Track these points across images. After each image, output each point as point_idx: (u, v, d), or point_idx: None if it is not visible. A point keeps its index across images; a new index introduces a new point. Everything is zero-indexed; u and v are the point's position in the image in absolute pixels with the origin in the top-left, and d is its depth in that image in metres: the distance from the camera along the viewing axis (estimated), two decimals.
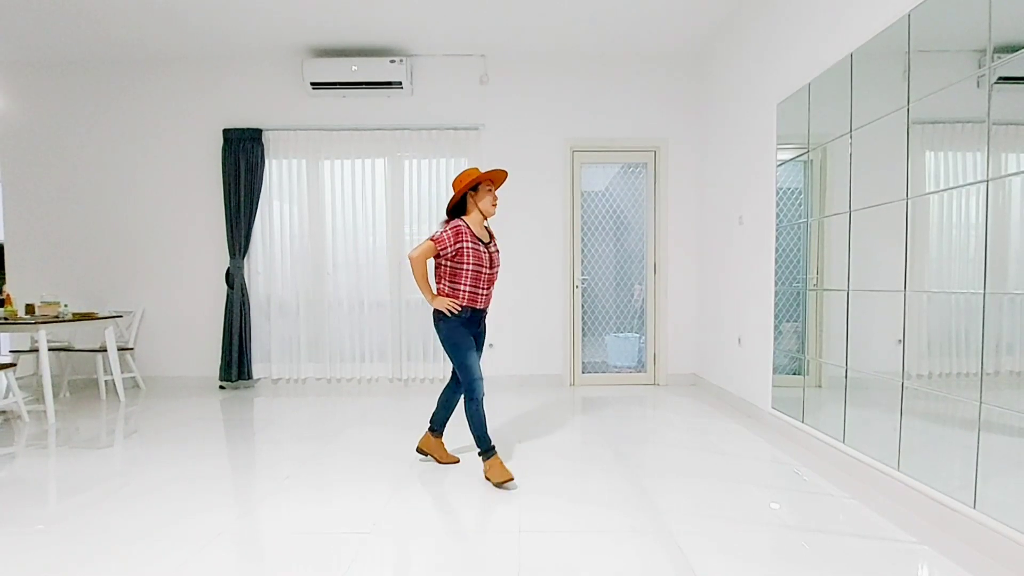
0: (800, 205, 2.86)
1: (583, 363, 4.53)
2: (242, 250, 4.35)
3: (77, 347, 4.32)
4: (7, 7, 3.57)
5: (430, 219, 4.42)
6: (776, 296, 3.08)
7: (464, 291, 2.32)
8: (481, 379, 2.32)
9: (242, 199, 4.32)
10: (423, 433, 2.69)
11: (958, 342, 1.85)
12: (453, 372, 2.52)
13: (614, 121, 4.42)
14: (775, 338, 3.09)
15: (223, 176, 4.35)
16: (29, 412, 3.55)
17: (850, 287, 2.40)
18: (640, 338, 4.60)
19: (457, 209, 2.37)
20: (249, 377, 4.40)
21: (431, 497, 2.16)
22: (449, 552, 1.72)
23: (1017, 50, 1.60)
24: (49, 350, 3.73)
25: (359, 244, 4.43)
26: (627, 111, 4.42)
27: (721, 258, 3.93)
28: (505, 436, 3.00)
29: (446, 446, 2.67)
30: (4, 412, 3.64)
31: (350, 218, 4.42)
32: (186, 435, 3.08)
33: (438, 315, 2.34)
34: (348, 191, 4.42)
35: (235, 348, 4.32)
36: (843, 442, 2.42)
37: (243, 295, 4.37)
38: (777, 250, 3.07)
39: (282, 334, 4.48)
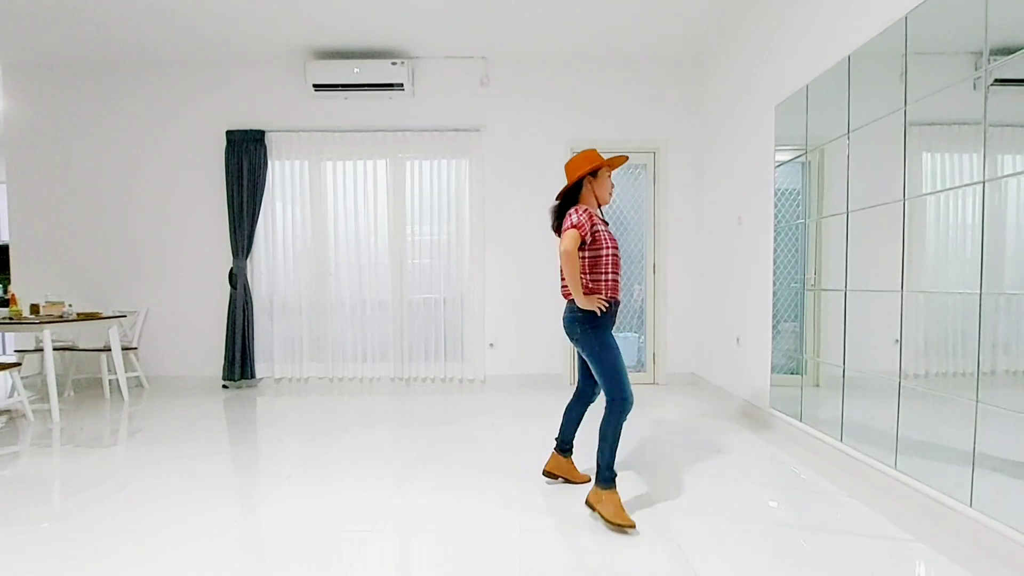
0: (798, 206, 2.87)
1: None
2: (245, 250, 4.38)
3: (81, 347, 4.35)
4: (13, 10, 3.60)
5: (431, 219, 4.45)
6: (774, 296, 3.10)
7: (607, 281, 2.03)
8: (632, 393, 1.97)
9: (245, 200, 4.35)
10: (548, 455, 2.38)
11: (955, 342, 1.86)
12: (579, 386, 2.28)
13: (614, 122, 4.44)
14: (773, 338, 3.11)
15: (226, 177, 4.38)
16: (34, 411, 3.58)
17: (848, 287, 2.41)
18: (640, 338, 4.61)
19: (570, 197, 2.12)
20: (252, 376, 4.43)
21: (432, 496, 2.18)
22: (449, 551, 1.74)
23: (1013, 52, 1.62)
24: (54, 350, 3.76)
25: (361, 244, 4.46)
26: (627, 112, 4.44)
27: (720, 258, 3.95)
28: (507, 436, 3.01)
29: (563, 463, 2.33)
30: (9, 411, 3.68)
31: (352, 219, 4.45)
32: (189, 434, 3.11)
33: (586, 318, 2.01)
34: (350, 192, 4.44)
35: (238, 348, 4.35)
36: (841, 441, 2.43)
37: (246, 295, 4.40)
38: (775, 250, 3.09)
39: (285, 334, 4.51)
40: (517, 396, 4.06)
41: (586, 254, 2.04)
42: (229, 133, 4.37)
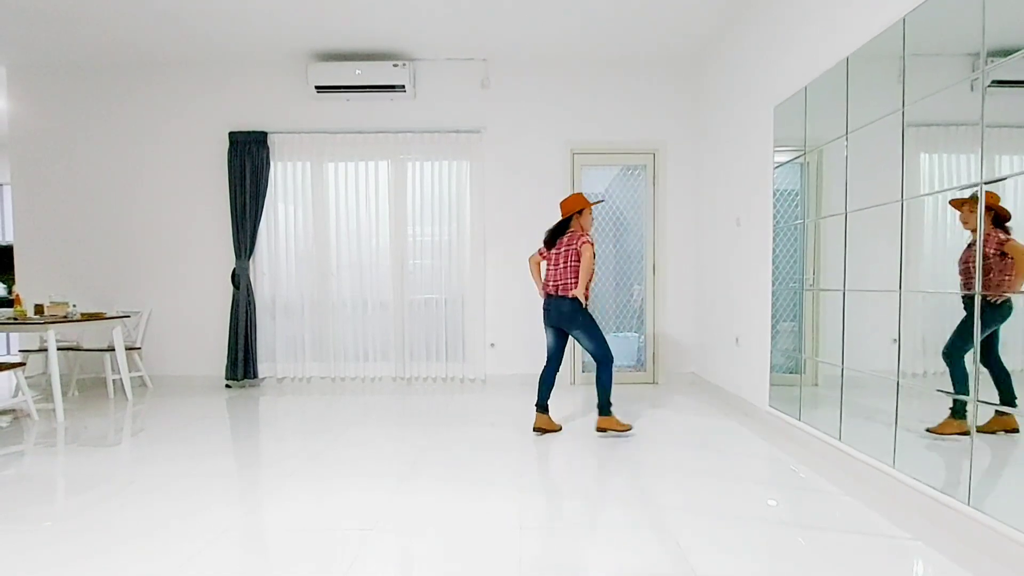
0: (797, 206, 2.89)
1: (583, 362, 4.56)
2: (247, 251, 4.41)
3: (85, 347, 4.38)
4: (17, 13, 3.63)
5: (432, 220, 4.47)
6: (773, 296, 3.11)
7: (593, 286, 3.06)
8: None
9: (247, 201, 4.38)
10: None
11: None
12: (551, 356, 3.05)
13: (613, 124, 4.46)
14: (772, 337, 3.12)
15: (229, 178, 4.41)
16: (38, 410, 3.60)
17: (846, 287, 2.42)
18: (639, 337, 4.63)
19: (563, 225, 3.01)
20: (254, 376, 4.45)
21: (433, 494, 2.20)
22: (450, 548, 1.76)
23: (1010, 54, 1.63)
24: (58, 350, 3.78)
25: (363, 245, 4.48)
26: (626, 114, 4.45)
27: (719, 259, 3.96)
28: (507, 435, 3.03)
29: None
30: (14, 410, 3.71)
31: (354, 219, 4.47)
32: (192, 433, 3.13)
33: (579, 305, 2.88)
34: (352, 193, 4.47)
35: (240, 348, 4.38)
36: (839, 440, 2.44)
37: (248, 295, 4.42)
38: (774, 251, 3.10)
39: (287, 334, 4.54)
40: (517, 395, 4.07)
41: (572, 263, 2.91)
42: (232, 134, 4.40)
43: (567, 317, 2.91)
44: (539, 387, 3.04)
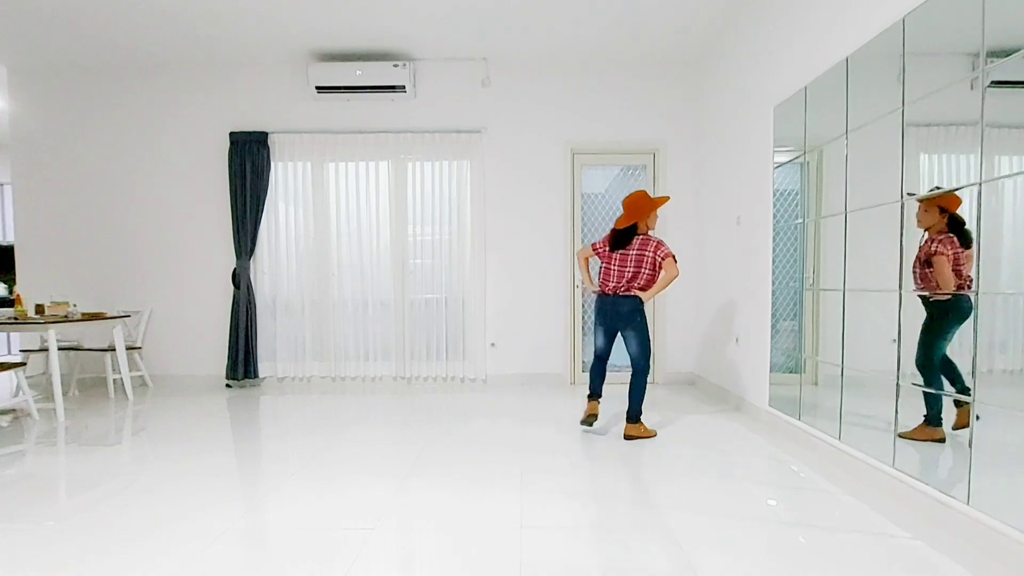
0: (797, 206, 2.89)
1: (583, 362, 4.57)
2: (248, 251, 4.41)
3: (86, 346, 4.38)
4: (18, 14, 3.64)
5: (433, 220, 4.48)
6: (773, 296, 3.11)
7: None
8: None
9: (248, 201, 4.38)
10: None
11: (951, 341, 1.87)
12: (599, 355, 3.04)
13: (614, 124, 4.46)
14: (772, 337, 3.12)
15: (230, 178, 4.42)
16: (39, 410, 3.61)
17: (846, 287, 2.43)
18: None
19: (631, 230, 2.92)
20: (255, 376, 4.46)
21: (433, 494, 2.20)
22: (450, 547, 1.76)
23: (1010, 54, 1.63)
24: (59, 349, 3.79)
25: (363, 245, 4.49)
26: (626, 114, 4.46)
27: (719, 258, 3.96)
28: (508, 434, 3.03)
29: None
30: (15, 410, 3.71)
31: (354, 220, 4.48)
32: (193, 432, 3.13)
33: (640, 304, 2.87)
34: (352, 193, 4.48)
35: (241, 347, 4.38)
36: (839, 439, 2.44)
37: (249, 295, 4.43)
38: (774, 250, 3.10)
39: (287, 334, 4.54)
40: (518, 395, 4.08)
41: (654, 273, 2.89)
42: (232, 135, 4.40)
43: (625, 316, 2.88)
44: (591, 379, 3.05)
